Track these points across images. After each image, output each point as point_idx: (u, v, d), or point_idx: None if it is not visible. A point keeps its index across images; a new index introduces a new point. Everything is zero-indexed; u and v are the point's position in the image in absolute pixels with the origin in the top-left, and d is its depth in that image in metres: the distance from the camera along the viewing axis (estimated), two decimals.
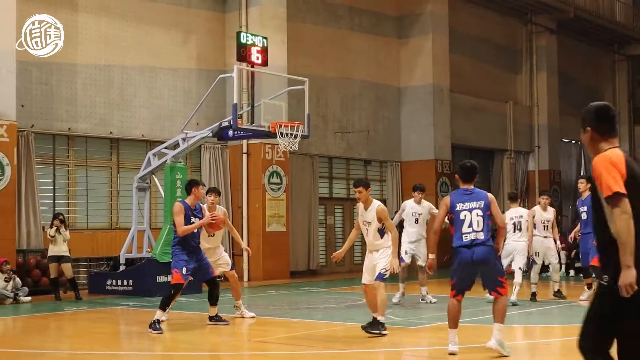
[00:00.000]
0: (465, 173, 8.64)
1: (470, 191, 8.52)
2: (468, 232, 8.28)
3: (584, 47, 33.82)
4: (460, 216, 8.36)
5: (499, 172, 28.93)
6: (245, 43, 16.86)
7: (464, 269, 8.34)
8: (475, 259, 8.24)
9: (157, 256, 15.70)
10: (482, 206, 8.40)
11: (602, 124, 5.00)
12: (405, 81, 25.47)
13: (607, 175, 4.69)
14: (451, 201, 8.49)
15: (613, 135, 4.97)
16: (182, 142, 16.33)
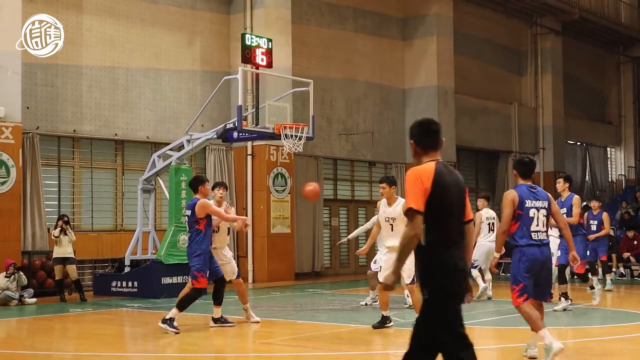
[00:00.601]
0: (525, 169, 8.19)
1: (534, 188, 8.10)
2: (537, 231, 7.88)
3: (589, 49, 33.80)
4: (529, 213, 7.89)
5: (504, 173, 28.87)
6: (250, 45, 16.85)
7: (532, 269, 7.82)
8: (544, 259, 7.88)
9: (162, 258, 15.71)
10: (546, 206, 8.04)
11: (423, 138, 5.24)
12: (410, 83, 25.46)
13: (410, 190, 5.02)
14: (520, 196, 7.93)
15: (434, 149, 5.21)
16: (186, 144, 16.34)
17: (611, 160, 35.60)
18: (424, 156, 5.21)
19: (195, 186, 10.94)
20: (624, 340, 10.08)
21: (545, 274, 7.94)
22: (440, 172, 5.08)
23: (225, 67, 20.26)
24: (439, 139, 5.28)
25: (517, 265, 7.88)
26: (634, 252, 21.44)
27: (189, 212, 10.77)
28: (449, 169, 5.18)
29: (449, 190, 5.09)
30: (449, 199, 5.09)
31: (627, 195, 29.16)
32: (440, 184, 5.04)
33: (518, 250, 7.86)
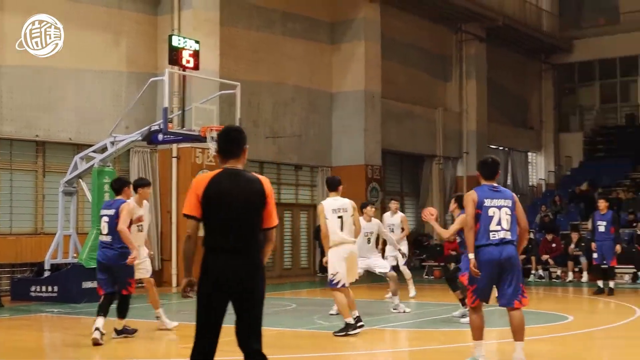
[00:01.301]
0: (488, 169, 8.09)
1: (496, 188, 7.96)
2: (497, 230, 7.71)
3: (512, 56, 34.54)
4: (488, 212, 7.76)
5: (428, 177, 29.29)
6: (177, 46, 16.70)
7: (488, 270, 7.64)
8: (503, 257, 7.63)
9: (83, 262, 15.45)
10: (510, 205, 7.86)
11: (221, 147, 5.56)
12: (337, 87, 25.60)
13: (187, 197, 5.45)
14: (478, 196, 7.84)
15: (228, 157, 5.51)
16: (110, 146, 16.10)
17: (532, 164, 36.43)
18: (223, 163, 5.55)
19: (120, 187, 10.59)
20: (543, 341, 10.33)
21: (508, 274, 7.67)
22: (216, 180, 5.39)
23: (151, 68, 20.00)
24: (234, 148, 5.53)
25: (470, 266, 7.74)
26: (552, 255, 21.98)
27: (112, 213, 10.30)
28: (234, 177, 5.42)
29: (212, 199, 5.33)
30: (220, 206, 5.33)
31: (546, 199, 29.88)
32: (208, 192, 5.34)
33: (478, 251, 7.73)
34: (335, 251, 10.39)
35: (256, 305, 5.39)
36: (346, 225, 10.43)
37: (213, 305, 5.31)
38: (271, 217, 5.49)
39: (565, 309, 14.35)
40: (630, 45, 34.05)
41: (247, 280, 5.32)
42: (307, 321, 12.18)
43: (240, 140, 5.58)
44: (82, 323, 12.69)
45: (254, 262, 5.37)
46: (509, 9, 32.23)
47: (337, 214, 10.47)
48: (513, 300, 7.68)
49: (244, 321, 5.37)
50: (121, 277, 10.20)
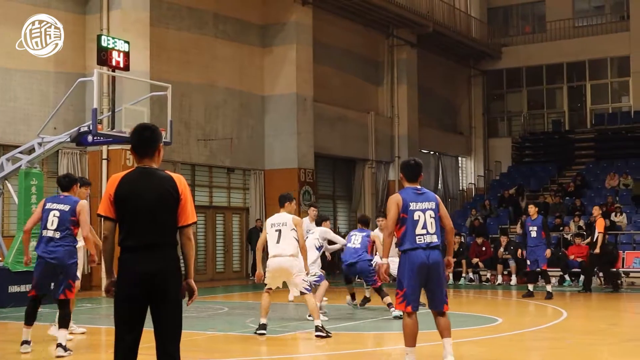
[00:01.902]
0: (410, 171, 7.91)
1: (420, 190, 7.81)
2: (422, 234, 7.59)
3: (442, 62, 35.02)
4: (414, 216, 7.61)
5: (361, 181, 29.45)
6: (107, 47, 16.42)
7: (417, 274, 7.53)
8: (430, 261, 7.55)
9: (9, 265, 15.06)
10: (434, 207, 7.74)
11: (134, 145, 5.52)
12: (269, 89, 25.56)
13: (102, 198, 5.45)
14: (403, 199, 7.66)
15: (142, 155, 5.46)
16: (37, 147, 15.74)
17: (462, 169, 36.97)
18: (136, 163, 5.51)
19: (69, 184, 9.76)
20: (472, 342, 10.46)
21: (435, 279, 7.64)
22: (127, 179, 5.38)
23: (80, 68, 19.63)
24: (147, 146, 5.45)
25: (401, 270, 7.65)
26: (482, 258, 22.32)
27: (66, 209, 9.46)
28: (145, 176, 5.37)
29: (122, 198, 5.32)
30: (131, 205, 5.30)
31: (476, 203, 30.34)
32: (119, 192, 5.33)
33: (403, 255, 7.64)
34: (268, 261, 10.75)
35: (171, 306, 5.30)
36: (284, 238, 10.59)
37: (129, 305, 5.26)
38: (186, 215, 5.39)
39: (495, 312, 14.59)
40: (555, 53, 34.93)
41: (161, 280, 5.25)
42: (239, 325, 12.10)
43: (154, 139, 5.49)
44: (8, 328, 12.39)
45: (168, 262, 5.30)
46: (439, 15, 32.69)
47: (274, 228, 10.70)
48: (442, 304, 7.69)
49: (159, 323, 5.30)
50: (65, 278, 9.40)
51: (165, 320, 5.31)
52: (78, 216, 9.49)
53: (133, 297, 5.26)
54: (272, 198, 25.15)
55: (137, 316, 5.29)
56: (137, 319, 5.29)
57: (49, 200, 9.65)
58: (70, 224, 9.48)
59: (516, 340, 10.88)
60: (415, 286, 7.56)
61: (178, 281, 5.35)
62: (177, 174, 5.49)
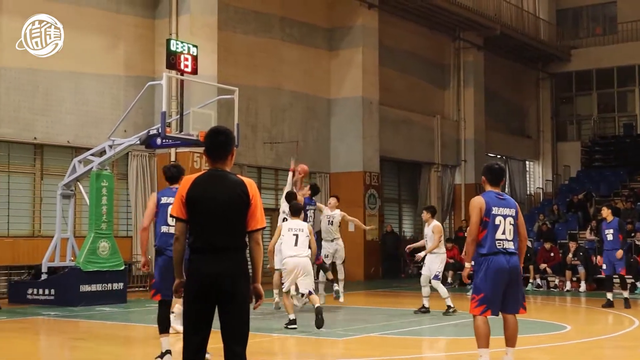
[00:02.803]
0: (494, 175, 7.87)
1: (502, 196, 7.78)
2: (501, 240, 7.57)
3: (509, 64, 34.60)
4: (495, 221, 7.58)
5: (426, 185, 29.29)
6: (175, 51, 16.69)
7: (497, 279, 7.49)
8: (510, 266, 7.53)
9: (80, 265, 15.40)
10: (514, 214, 7.72)
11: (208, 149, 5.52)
12: (335, 93, 25.61)
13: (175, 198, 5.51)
14: (487, 203, 7.63)
15: (215, 159, 5.48)
16: (108, 150, 16.06)
17: (529, 173, 36.46)
18: (209, 165, 5.55)
19: (179, 174, 8.90)
20: (539, 349, 10.30)
21: (514, 284, 7.62)
22: (199, 181, 5.42)
23: (149, 72, 19.98)
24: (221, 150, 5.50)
25: (480, 275, 7.59)
26: (550, 264, 21.96)
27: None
28: (217, 179, 5.42)
29: (193, 200, 5.36)
30: (202, 207, 5.35)
31: (544, 207, 29.87)
32: (190, 194, 5.37)
33: (483, 259, 7.59)
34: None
35: (238, 308, 5.35)
36: (301, 242, 11.81)
37: (196, 306, 5.31)
38: (255, 219, 5.43)
39: (563, 319, 14.33)
40: (627, 55, 34.17)
41: (228, 282, 5.29)
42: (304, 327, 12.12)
43: (228, 143, 5.54)
44: (79, 326, 12.67)
45: (235, 264, 5.35)
46: (507, 17, 32.31)
47: (292, 232, 11.88)
48: (518, 307, 7.67)
49: (225, 324, 5.34)
50: None
51: (231, 322, 5.35)
52: None
53: (200, 299, 5.30)
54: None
55: (204, 317, 5.33)
56: (204, 320, 5.33)
57: (162, 194, 8.84)
58: None
59: (585, 349, 10.67)
60: (494, 291, 7.51)
61: (245, 284, 5.38)
62: (249, 179, 5.52)
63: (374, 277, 24.99)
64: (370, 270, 25.11)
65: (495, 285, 7.51)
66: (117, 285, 15.95)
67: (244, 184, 5.43)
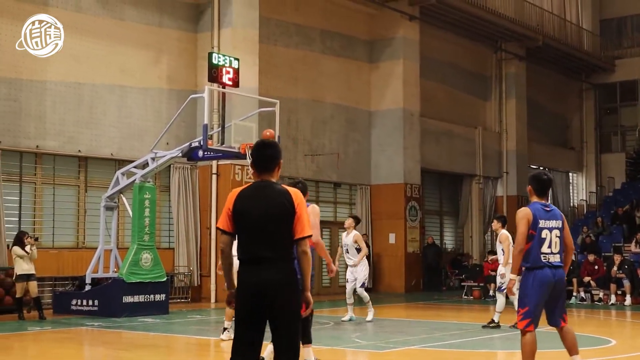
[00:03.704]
0: (542, 185, 7.69)
1: (549, 207, 7.61)
2: (547, 253, 7.44)
3: (552, 75, 34.29)
4: (541, 234, 7.45)
5: (468, 197, 29.11)
6: (217, 64, 16.83)
7: (542, 293, 7.39)
8: (556, 280, 7.42)
9: (123, 276, 15.56)
10: (560, 226, 7.56)
11: (254, 161, 5.57)
12: (376, 105, 25.61)
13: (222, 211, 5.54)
14: (534, 215, 7.48)
15: (262, 171, 5.52)
16: (151, 162, 16.23)
17: (573, 185, 36.03)
18: (255, 178, 5.58)
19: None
20: None
21: (559, 297, 7.52)
22: (244, 193, 5.47)
23: (191, 85, 20.19)
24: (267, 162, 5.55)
25: (525, 288, 7.47)
26: (594, 277, 21.65)
27: None
28: (262, 190, 5.46)
29: (240, 213, 5.41)
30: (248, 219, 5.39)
31: (588, 220, 29.48)
32: (237, 207, 5.42)
33: (529, 272, 7.47)
34: None
35: (288, 319, 5.33)
36: None
37: (247, 318, 5.32)
38: (301, 227, 5.41)
39: (608, 333, 14.12)
40: None
41: (276, 292, 5.29)
42: (345, 339, 12.12)
43: (275, 156, 5.60)
44: (122, 337, 12.79)
45: (283, 274, 5.34)
46: (549, 28, 32.04)
47: None
48: (559, 319, 7.57)
49: (277, 335, 5.34)
50: None
51: (280, 332, 5.34)
52: None
53: (249, 309, 5.31)
54: (378, 213, 25.16)
55: (254, 328, 5.33)
56: (254, 331, 5.33)
57: None
58: None
59: None
60: (539, 305, 7.42)
61: (294, 294, 5.36)
62: (294, 188, 5.55)
63: (414, 289, 24.86)
64: (411, 282, 25.00)
65: (540, 299, 7.40)
66: (159, 296, 16.09)
67: (289, 193, 5.46)
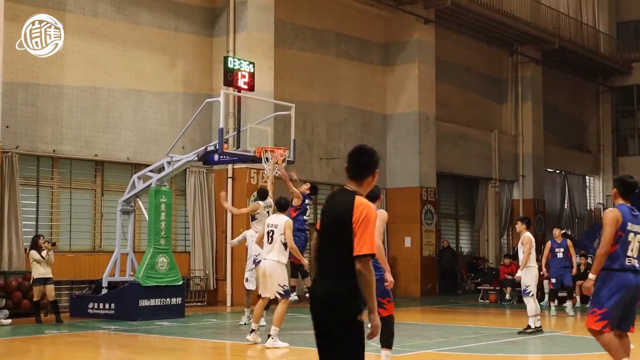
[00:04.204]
0: (628, 188, 7.58)
1: (635, 211, 7.48)
2: (631, 257, 7.36)
3: (568, 78, 34.15)
4: (628, 237, 7.36)
5: (484, 200, 29.01)
6: (233, 68, 16.88)
7: (623, 296, 7.31)
8: (637, 285, 7.36)
9: (139, 280, 15.60)
10: None
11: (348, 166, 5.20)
12: (391, 108, 25.58)
13: None
14: (623, 217, 7.37)
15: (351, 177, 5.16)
16: (167, 166, 16.28)
17: (590, 188, 35.85)
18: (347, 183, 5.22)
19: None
20: None
21: (634, 303, 7.47)
22: (326, 199, 5.33)
23: (207, 89, 20.25)
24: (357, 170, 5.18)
25: (605, 289, 7.36)
26: None
27: None
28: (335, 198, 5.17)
29: (322, 217, 5.20)
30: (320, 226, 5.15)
31: None
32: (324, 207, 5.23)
33: (610, 274, 7.35)
34: None
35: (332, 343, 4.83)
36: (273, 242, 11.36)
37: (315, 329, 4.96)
38: (358, 244, 4.83)
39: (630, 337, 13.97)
40: None
41: (327, 308, 4.86)
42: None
43: (370, 165, 5.20)
44: (138, 341, 12.82)
45: (337, 290, 4.84)
46: (566, 31, 31.92)
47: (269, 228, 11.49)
48: (630, 325, 7.55)
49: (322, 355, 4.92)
50: None
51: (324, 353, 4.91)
52: None
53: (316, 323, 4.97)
54: (393, 217, 25.00)
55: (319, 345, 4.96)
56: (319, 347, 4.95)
57: None
58: None
59: None
60: (617, 307, 7.33)
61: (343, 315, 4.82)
62: (363, 199, 5.04)
63: (430, 293, 24.79)
64: (426, 286, 24.93)
65: (619, 302, 7.33)
66: (176, 300, 16.13)
67: (352, 203, 4.96)
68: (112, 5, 18.78)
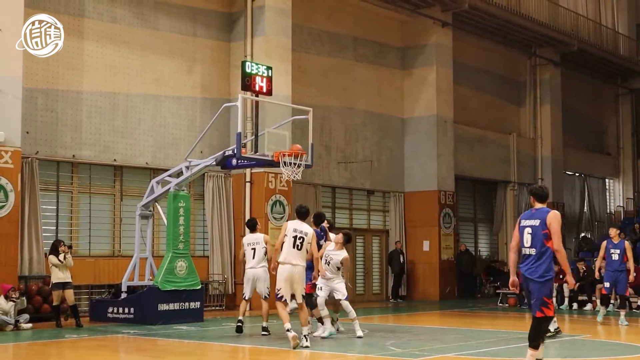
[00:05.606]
0: None
1: None
2: None
3: (587, 80, 33.97)
4: None
5: (502, 203, 28.90)
6: (250, 72, 16.92)
7: None
8: None
9: (159, 284, 15.66)
10: None
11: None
12: (409, 112, 25.56)
13: None
14: None
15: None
16: (185, 170, 16.33)
17: (609, 191, 35.62)
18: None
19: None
20: None
21: None
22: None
23: (225, 94, 20.32)
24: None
25: None
26: (632, 284, 21.35)
27: (536, 224, 8.70)
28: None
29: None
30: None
31: (625, 226, 29.10)
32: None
33: None
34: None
35: None
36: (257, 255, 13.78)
37: None
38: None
39: None
40: None
41: None
42: (378, 347, 12.09)
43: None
44: (157, 345, 12.87)
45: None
46: (584, 33, 31.75)
47: (250, 246, 13.86)
48: None
49: None
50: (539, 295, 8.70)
51: None
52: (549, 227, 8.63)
53: None
54: (412, 220, 25.08)
55: None
56: None
57: (523, 217, 8.95)
58: (543, 237, 8.68)
59: None
60: None
61: None
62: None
63: (449, 297, 24.73)
64: (445, 290, 24.87)
65: None
66: (194, 304, 16.17)
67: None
68: (130, 11, 18.89)
